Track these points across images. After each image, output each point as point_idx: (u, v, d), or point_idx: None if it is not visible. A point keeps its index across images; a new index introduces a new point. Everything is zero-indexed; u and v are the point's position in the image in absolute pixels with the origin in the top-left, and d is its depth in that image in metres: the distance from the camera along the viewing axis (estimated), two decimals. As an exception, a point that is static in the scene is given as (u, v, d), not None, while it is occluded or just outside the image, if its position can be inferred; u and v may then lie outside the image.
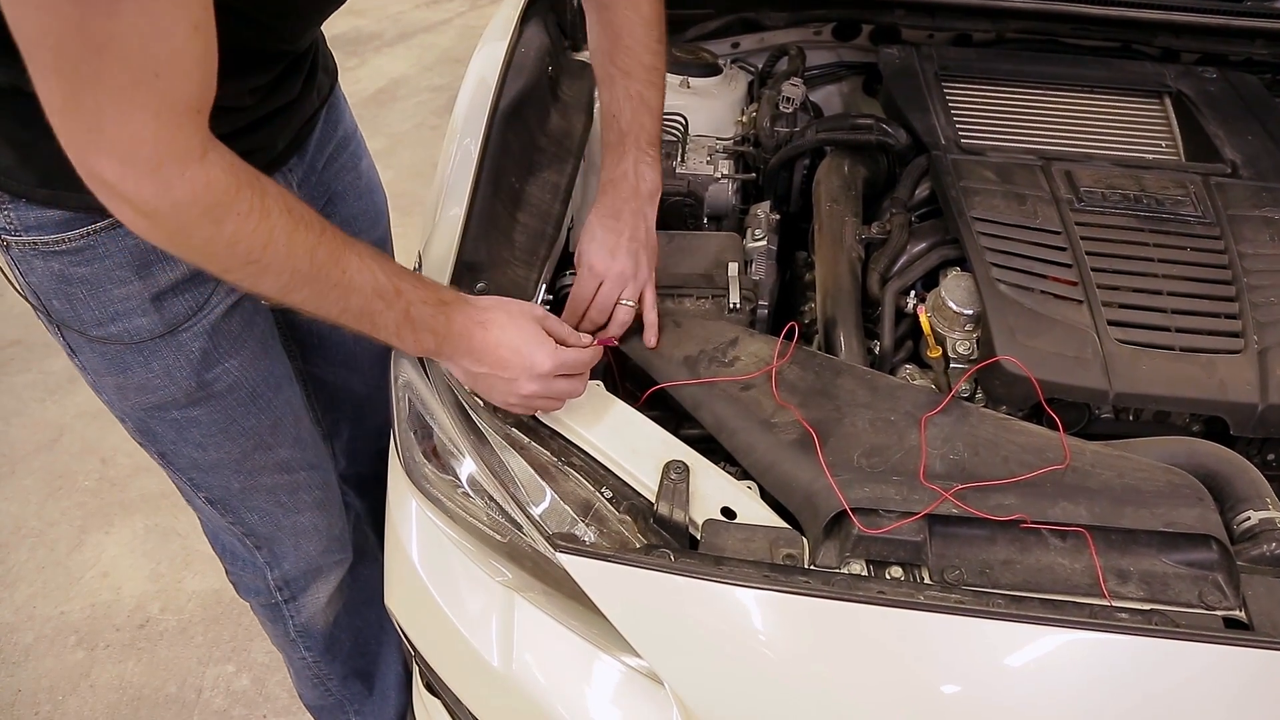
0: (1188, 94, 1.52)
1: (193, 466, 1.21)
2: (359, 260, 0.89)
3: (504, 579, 1.05)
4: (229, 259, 0.83)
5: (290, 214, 0.84)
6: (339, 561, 1.45)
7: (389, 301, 0.92)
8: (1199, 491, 0.96)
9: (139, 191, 0.76)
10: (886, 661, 0.86)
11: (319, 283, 0.87)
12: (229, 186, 0.79)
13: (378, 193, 1.42)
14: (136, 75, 0.70)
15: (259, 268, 0.84)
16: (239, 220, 0.80)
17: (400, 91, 4.17)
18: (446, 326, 0.97)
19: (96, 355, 1.06)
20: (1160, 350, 1.09)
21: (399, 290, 0.92)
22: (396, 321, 0.94)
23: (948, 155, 1.36)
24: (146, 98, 0.72)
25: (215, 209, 0.79)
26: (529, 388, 0.99)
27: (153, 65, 0.71)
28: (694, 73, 1.64)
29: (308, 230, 0.85)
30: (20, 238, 0.96)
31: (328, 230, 0.87)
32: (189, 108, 0.75)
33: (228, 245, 0.81)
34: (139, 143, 0.74)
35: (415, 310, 0.94)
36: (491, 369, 0.99)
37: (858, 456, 0.97)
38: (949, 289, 1.18)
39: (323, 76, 1.20)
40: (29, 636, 2.06)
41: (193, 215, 0.78)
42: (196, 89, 0.75)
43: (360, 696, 1.68)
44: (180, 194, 0.77)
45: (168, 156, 0.75)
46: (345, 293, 0.89)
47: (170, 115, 0.74)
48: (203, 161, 0.77)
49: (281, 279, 0.85)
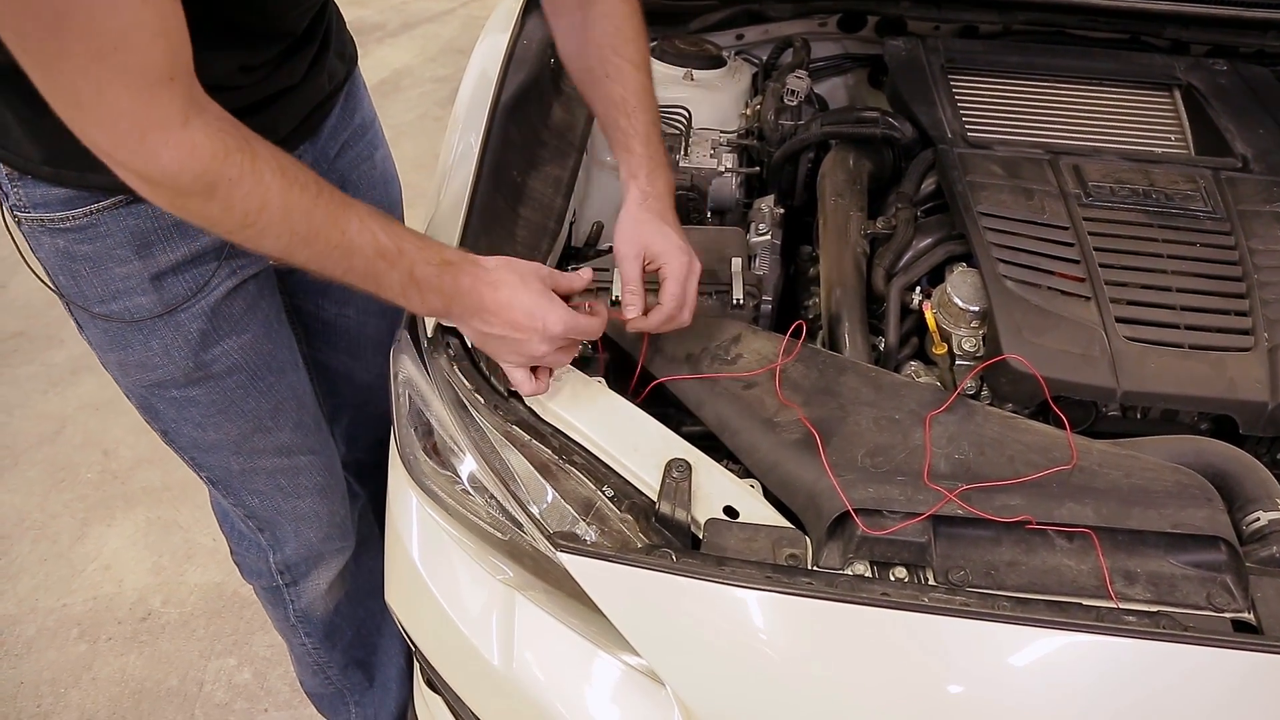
0: (1198, 87, 1.50)
1: (193, 446, 1.23)
2: (359, 221, 0.89)
3: (505, 577, 1.04)
4: (227, 222, 0.84)
5: (284, 175, 0.84)
6: (340, 549, 1.45)
7: (392, 262, 0.91)
8: (1207, 492, 0.94)
9: (131, 160, 0.78)
10: (890, 663, 0.85)
11: (318, 244, 0.87)
12: (216, 151, 0.79)
13: (393, 184, 1.43)
14: (96, 49, 0.71)
15: (256, 230, 0.84)
16: (230, 185, 0.81)
17: (403, 82, 4.16)
18: (454, 286, 0.95)
19: (100, 331, 1.09)
20: (1169, 348, 1.08)
21: (401, 250, 0.91)
22: (401, 282, 0.93)
23: (954, 149, 1.34)
24: (112, 72, 0.73)
25: (204, 175, 0.79)
26: (540, 349, 0.98)
27: (110, 38, 0.71)
28: (698, 65, 1.63)
29: (302, 191, 0.85)
30: (29, 215, 1.00)
31: (324, 191, 0.87)
32: (160, 77, 0.75)
33: (223, 209, 0.82)
34: (118, 115, 0.75)
35: (419, 270, 0.93)
36: (503, 330, 0.97)
37: (861, 456, 0.96)
38: (955, 285, 1.17)
39: (336, 62, 1.19)
40: (31, 629, 2.07)
41: (183, 181, 0.79)
42: (163, 57, 0.75)
43: (360, 687, 1.69)
44: (167, 161, 0.78)
45: (148, 126, 0.76)
46: (346, 254, 0.89)
47: (142, 85, 0.75)
48: (185, 128, 0.78)
49: (281, 240, 0.86)
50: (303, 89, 1.12)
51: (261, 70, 1.02)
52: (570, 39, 1.14)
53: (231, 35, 0.94)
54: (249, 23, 0.95)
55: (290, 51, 1.06)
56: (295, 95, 1.11)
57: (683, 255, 1.07)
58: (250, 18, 0.96)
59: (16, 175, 0.97)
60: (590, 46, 1.11)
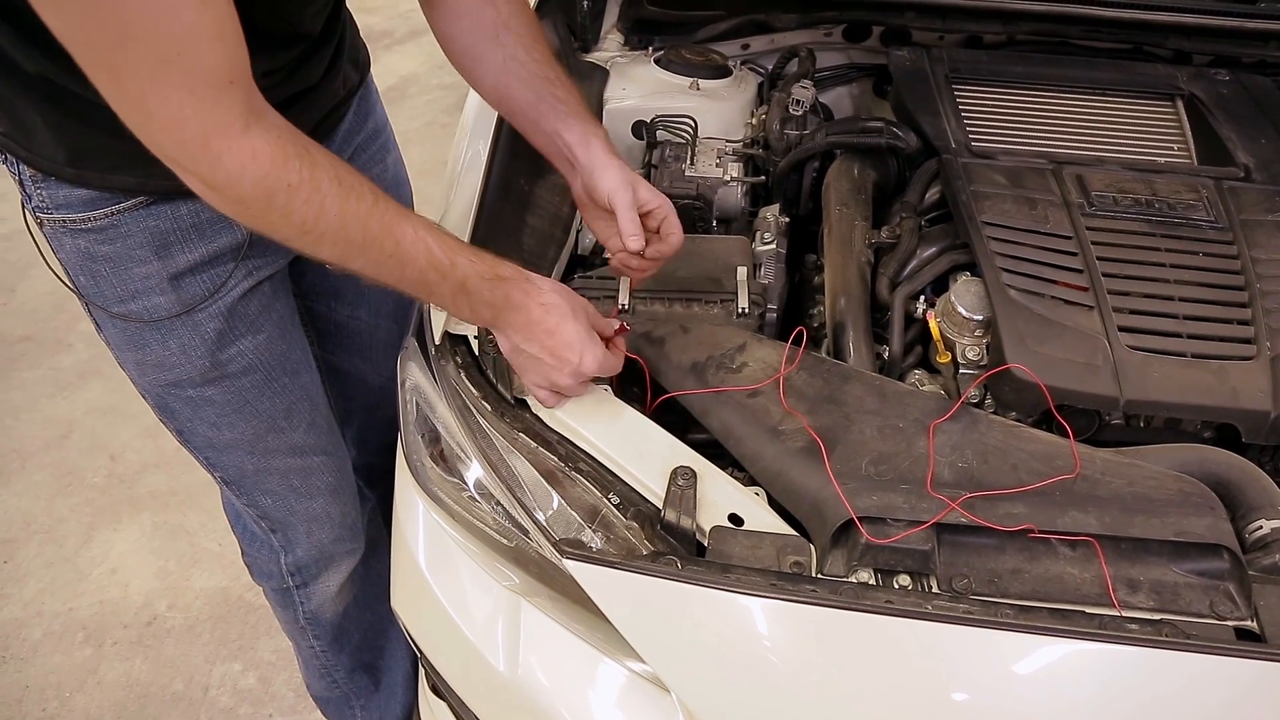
0: (1200, 97, 1.51)
1: (208, 445, 1.24)
2: (414, 232, 0.91)
3: (510, 583, 1.05)
4: (286, 229, 0.86)
5: (341, 184, 0.86)
6: (351, 550, 1.46)
7: (444, 274, 0.93)
8: (1210, 500, 0.95)
9: (197, 166, 0.81)
10: (894, 671, 0.86)
11: (373, 253, 0.89)
12: (275, 157, 0.82)
13: (404, 187, 1.45)
14: (162, 56, 0.74)
15: (315, 237, 0.87)
16: (289, 192, 0.83)
17: (410, 89, 4.18)
18: (505, 299, 0.98)
19: (118, 331, 1.11)
20: (1172, 356, 1.08)
21: (454, 263, 0.94)
22: (452, 293, 0.95)
23: (958, 159, 1.35)
24: (177, 77, 0.75)
25: (264, 180, 0.82)
26: (566, 380, 1.00)
27: (173, 44, 0.74)
28: (704, 75, 1.64)
29: (359, 201, 0.87)
30: (52, 215, 1.02)
31: (380, 201, 0.89)
32: (220, 80, 0.78)
33: (282, 216, 0.84)
34: (182, 120, 0.77)
35: (471, 284, 0.95)
36: (540, 353, 0.99)
37: (865, 464, 0.97)
38: (959, 294, 1.17)
39: (349, 68, 1.21)
40: (37, 632, 2.07)
41: (245, 187, 0.82)
42: (222, 61, 0.78)
43: (366, 691, 1.69)
44: (231, 166, 0.80)
45: (212, 131, 0.79)
46: (400, 264, 0.91)
47: (204, 90, 0.77)
48: (246, 134, 0.80)
49: (337, 248, 0.88)
50: (319, 92, 1.13)
51: (280, 74, 1.04)
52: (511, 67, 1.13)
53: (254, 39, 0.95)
54: (269, 26, 0.97)
55: (307, 54, 1.08)
56: (312, 98, 1.13)
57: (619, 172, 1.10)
58: (270, 20, 0.98)
59: (40, 177, 0.99)
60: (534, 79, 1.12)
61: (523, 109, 1.13)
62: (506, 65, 1.12)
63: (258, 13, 0.94)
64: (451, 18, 1.12)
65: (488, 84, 1.15)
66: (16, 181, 1.01)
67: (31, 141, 0.97)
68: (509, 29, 1.11)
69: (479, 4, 1.11)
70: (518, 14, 1.12)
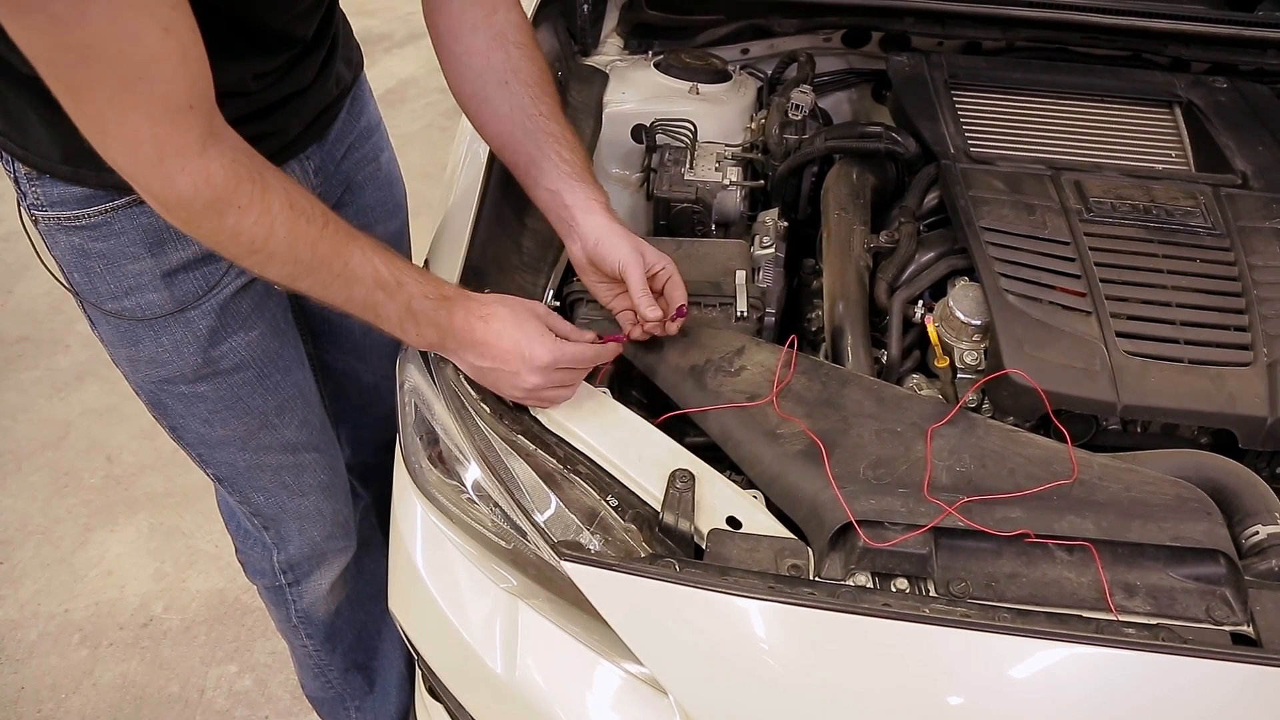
0: (1198, 104, 1.51)
1: (200, 442, 1.25)
2: (361, 253, 0.93)
3: (508, 585, 1.05)
4: (234, 248, 0.89)
5: (292, 208, 0.88)
6: (343, 548, 1.47)
7: (390, 293, 0.95)
8: (1207, 505, 0.95)
9: (148, 184, 0.83)
10: (891, 674, 0.86)
11: (321, 273, 0.92)
12: (228, 181, 0.84)
13: (397, 185, 1.45)
14: (122, 78, 0.75)
15: (263, 257, 0.89)
16: (239, 214, 0.85)
17: (409, 93, 4.18)
18: (449, 321, 1.00)
19: (112, 328, 1.12)
20: (1169, 362, 1.09)
21: (400, 283, 0.96)
22: (399, 314, 0.97)
23: (957, 164, 1.35)
24: (136, 99, 0.77)
25: (216, 202, 0.84)
26: (531, 380, 1.00)
27: (134, 68, 0.75)
28: (703, 79, 1.64)
29: (309, 224, 0.89)
30: (46, 213, 1.02)
31: (331, 223, 0.92)
32: (181, 105, 0.79)
33: (230, 236, 0.87)
34: (138, 141, 0.79)
35: (417, 304, 0.97)
36: (493, 363, 1.01)
37: (864, 468, 0.97)
38: (957, 299, 1.18)
39: (343, 68, 1.22)
40: (33, 634, 2.07)
41: (196, 208, 0.84)
42: (184, 87, 0.79)
43: (361, 691, 1.69)
44: (183, 186, 0.82)
45: (167, 152, 0.80)
46: (347, 283, 0.93)
47: (163, 113, 0.78)
48: (202, 156, 0.82)
49: (286, 268, 0.91)
50: (311, 93, 1.14)
51: (273, 75, 1.04)
52: (489, 77, 1.13)
53: (246, 43, 0.96)
54: (262, 30, 0.98)
55: (300, 57, 1.08)
56: (304, 99, 1.13)
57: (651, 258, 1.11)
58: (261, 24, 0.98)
59: (35, 174, 0.99)
60: (518, 85, 1.12)
61: (524, 164, 1.14)
62: (513, 115, 1.12)
63: (251, 17, 0.95)
64: (463, 57, 1.13)
65: (491, 130, 1.16)
66: (12, 179, 1.02)
67: (27, 139, 0.97)
68: (518, 76, 1.12)
69: (490, 46, 1.11)
70: (529, 59, 1.13)
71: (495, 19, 1.11)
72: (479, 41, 1.11)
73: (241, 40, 0.95)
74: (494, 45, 1.11)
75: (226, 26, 0.84)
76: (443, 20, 1.12)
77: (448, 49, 1.13)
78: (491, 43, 1.11)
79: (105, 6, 0.71)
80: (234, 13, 0.92)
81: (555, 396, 1.05)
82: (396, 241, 1.45)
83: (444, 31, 1.13)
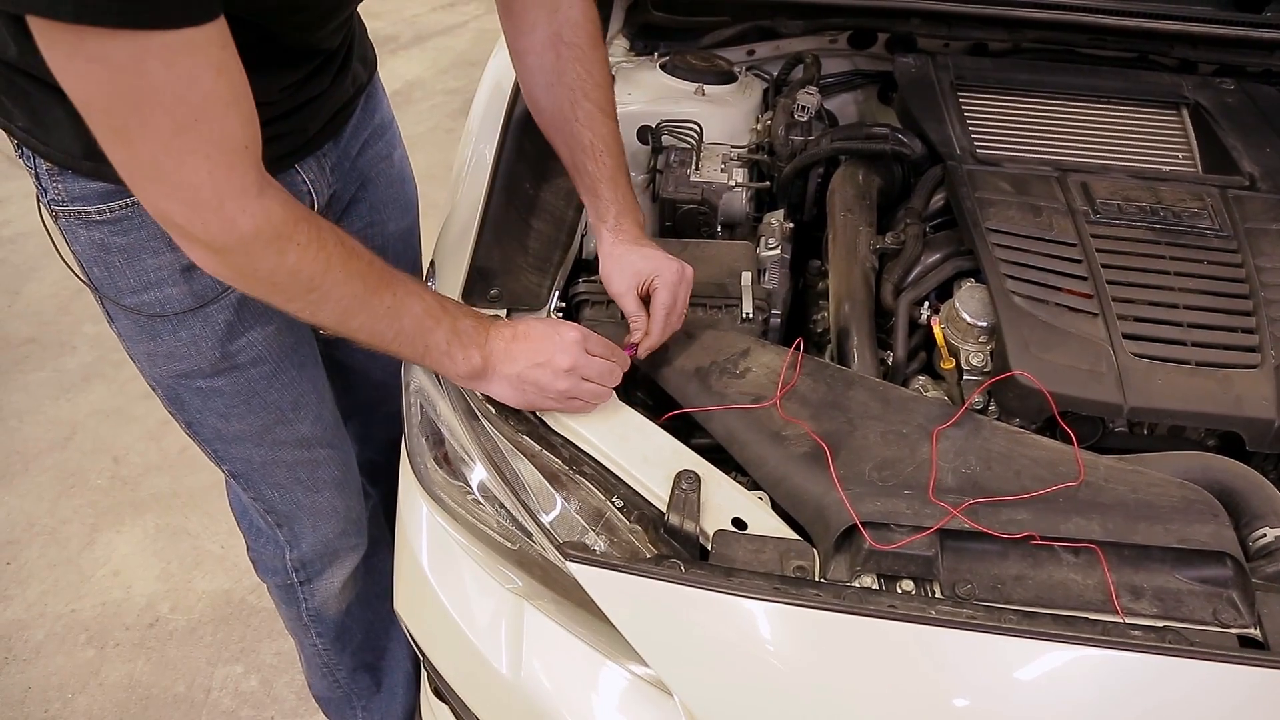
0: (1205, 105, 1.51)
1: (216, 437, 1.26)
2: (405, 285, 0.96)
3: (514, 586, 1.05)
4: (293, 287, 0.90)
5: (342, 244, 0.91)
6: (355, 546, 1.48)
7: (437, 319, 0.98)
8: (1214, 507, 0.95)
9: (207, 230, 0.83)
10: (897, 676, 0.85)
11: (373, 306, 0.94)
12: (287, 218, 0.86)
13: (409, 183, 1.46)
14: (179, 123, 0.76)
15: (320, 294, 0.90)
16: (299, 250, 0.87)
17: (415, 94, 4.19)
18: (488, 340, 1.02)
19: (130, 323, 1.13)
20: (1176, 364, 1.09)
21: (445, 308, 1.00)
22: (447, 338, 0.99)
23: (963, 165, 1.35)
24: (194, 143, 0.78)
25: (278, 240, 0.86)
26: (565, 362, 1.01)
27: (191, 112, 0.76)
28: (709, 80, 1.64)
29: (359, 258, 0.92)
30: (67, 208, 1.03)
31: (376, 259, 0.95)
32: (237, 145, 0.81)
33: (290, 274, 0.88)
34: (198, 185, 0.80)
35: (461, 324, 1.00)
36: (528, 357, 1.02)
37: (869, 470, 0.97)
38: (963, 300, 1.18)
39: (359, 67, 1.23)
40: (40, 634, 2.08)
41: (257, 248, 0.85)
42: (238, 126, 0.81)
43: (368, 691, 1.70)
44: (245, 228, 0.83)
45: (227, 194, 0.81)
46: (398, 314, 0.96)
47: (221, 156, 0.79)
48: (260, 196, 0.84)
49: (340, 305, 0.92)
50: (330, 94, 1.15)
51: (295, 85, 1.06)
52: (537, 78, 1.16)
53: (275, 59, 0.98)
54: (292, 45, 1.00)
55: (322, 65, 1.11)
56: (323, 100, 1.14)
57: (671, 263, 1.12)
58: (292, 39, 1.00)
59: (57, 170, 1.00)
60: (560, 88, 1.14)
61: (566, 167, 1.18)
62: (553, 119, 1.16)
63: (285, 34, 0.97)
64: (522, 54, 1.16)
65: (541, 128, 1.20)
66: (32, 175, 1.03)
67: (50, 136, 0.98)
68: (562, 80, 1.13)
69: (544, 46, 1.13)
70: (577, 61, 1.13)
71: (557, 17, 1.12)
72: (537, 40, 1.13)
73: (272, 56, 0.96)
74: (548, 45, 1.13)
75: (258, 42, 0.85)
76: (510, 17, 1.14)
77: (512, 44, 1.16)
78: (547, 42, 1.13)
79: (163, 51, 0.72)
80: (269, 31, 0.93)
81: (591, 392, 1.05)
82: (408, 238, 1.46)
83: (510, 27, 1.15)
